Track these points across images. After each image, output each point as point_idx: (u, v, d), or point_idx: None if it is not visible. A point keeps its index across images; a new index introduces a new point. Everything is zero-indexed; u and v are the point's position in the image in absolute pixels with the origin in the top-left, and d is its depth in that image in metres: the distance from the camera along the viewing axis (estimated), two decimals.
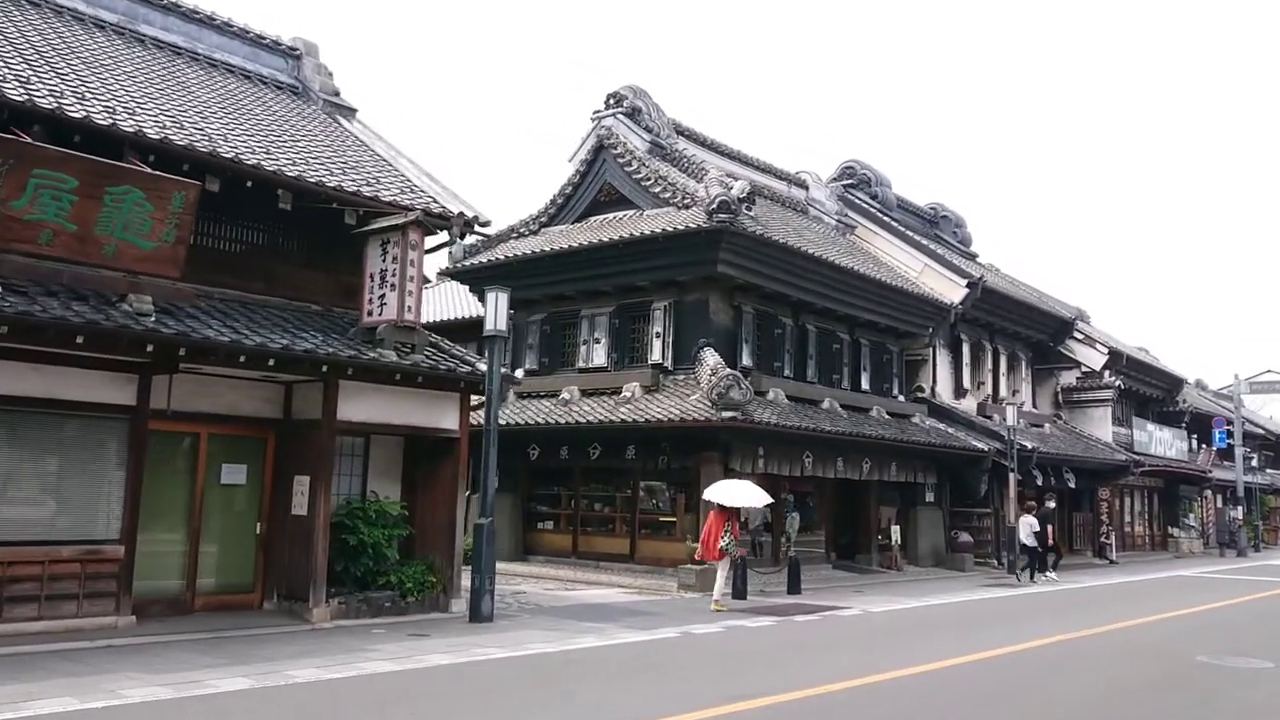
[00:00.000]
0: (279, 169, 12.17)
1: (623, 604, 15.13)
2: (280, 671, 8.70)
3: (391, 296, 12.64)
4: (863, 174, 30.28)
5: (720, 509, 15.45)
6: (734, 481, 16.34)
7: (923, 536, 24.73)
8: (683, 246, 19.59)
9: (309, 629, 11.39)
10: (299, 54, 16.79)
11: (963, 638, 12.42)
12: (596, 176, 22.65)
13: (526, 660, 9.91)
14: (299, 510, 12.19)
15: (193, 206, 10.73)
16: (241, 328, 11.37)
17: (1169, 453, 35.88)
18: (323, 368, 11.72)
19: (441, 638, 11.02)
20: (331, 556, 12.51)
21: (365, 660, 9.38)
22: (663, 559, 18.88)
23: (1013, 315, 30.07)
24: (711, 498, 15.63)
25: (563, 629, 12.10)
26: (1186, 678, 10.11)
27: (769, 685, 8.63)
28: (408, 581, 12.92)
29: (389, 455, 13.84)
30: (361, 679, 8.61)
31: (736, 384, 17.50)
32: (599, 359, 21.38)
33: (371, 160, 14.80)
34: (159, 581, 11.57)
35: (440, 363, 13.05)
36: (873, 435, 20.99)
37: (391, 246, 12.81)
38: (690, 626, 12.63)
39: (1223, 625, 15.13)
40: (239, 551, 12.47)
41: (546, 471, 21.65)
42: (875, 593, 18.17)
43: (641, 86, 22.77)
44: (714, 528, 15.33)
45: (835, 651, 11.19)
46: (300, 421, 12.58)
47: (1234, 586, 22.48)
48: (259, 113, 14.27)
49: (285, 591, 12.32)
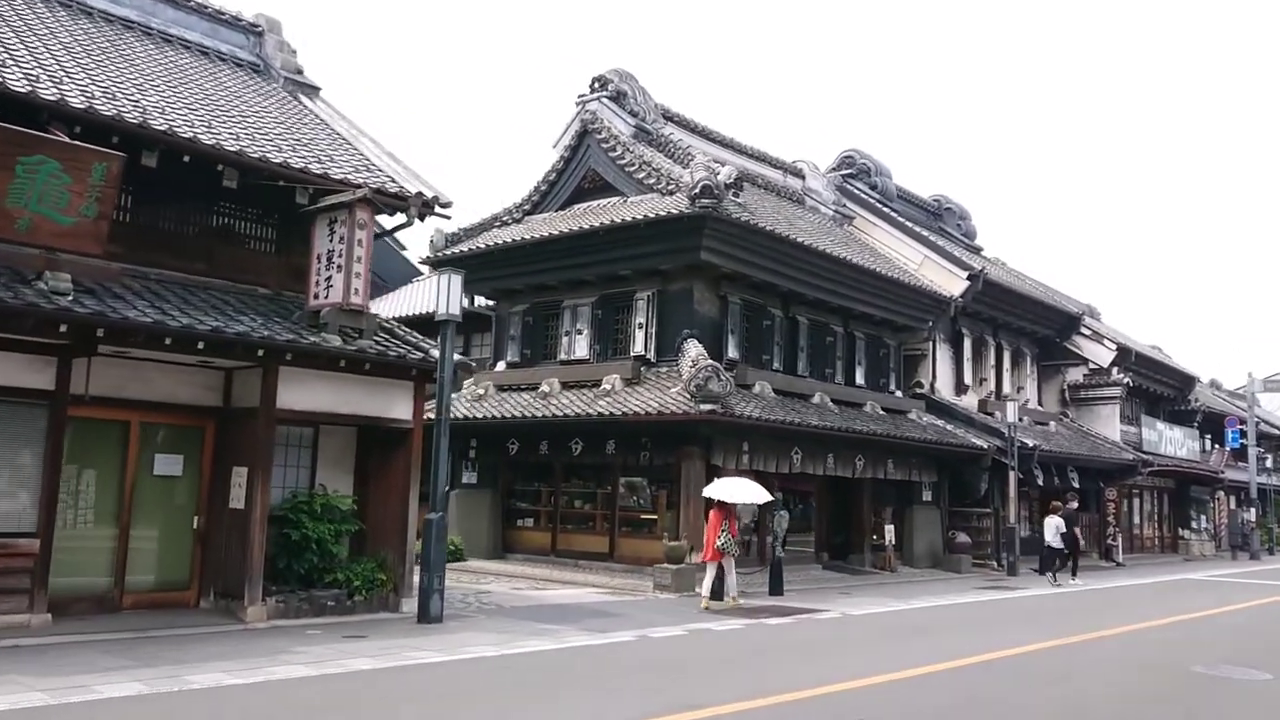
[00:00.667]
0: (218, 143, 11.53)
1: (591, 604, 14.42)
2: (180, 676, 8.02)
3: (338, 278, 11.98)
4: (862, 164, 29.46)
5: (720, 506, 15.17)
6: (733, 479, 16.06)
7: (919, 537, 23.91)
8: (665, 234, 18.87)
9: (241, 629, 10.73)
10: (261, 30, 16.16)
11: (939, 644, 11.64)
12: (580, 163, 21.95)
13: (457, 665, 9.21)
14: (236, 503, 11.52)
15: (115, 179, 10.10)
16: (172, 309, 10.72)
17: (1180, 452, 34.88)
18: (259, 352, 11.05)
19: (378, 640, 10.33)
20: (274, 553, 11.91)
21: (280, 665, 8.70)
22: (642, 558, 18.15)
23: (1016, 310, 29.20)
24: (711, 495, 15.35)
25: (514, 631, 11.40)
26: (1173, 691, 9.32)
27: (698, 698, 7.90)
28: (356, 580, 12.24)
29: (340, 446, 13.16)
30: (263, 685, 7.92)
31: (715, 375, 16.77)
32: (581, 351, 20.68)
33: (328, 138, 14.16)
34: (83, 578, 10.93)
35: (390, 349, 12.36)
36: (864, 431, 20.20)
37: (339, 226, 12.15)
38: (651, 630, 11.90)
39: (1225, 632, 14.30)
40: (174, 547, 11.81)
41: (526, 467, 20.97)
42: (862, 595, 17.40)
43: (628, 70, 22.06)
44: (714, 526, 15.09)
45: (792, 659, 10.41)
46: (240, 410, 11.92)
47: (1243, 591, 21.58)
48: (209, 88, 13.64)
49: (222, 589, 11.65)
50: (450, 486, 21.66)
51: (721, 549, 14.93)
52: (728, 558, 15.05)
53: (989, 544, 24.93)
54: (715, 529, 15.04)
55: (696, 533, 17.57)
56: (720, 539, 14.92)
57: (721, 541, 14.92)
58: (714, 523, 15.14)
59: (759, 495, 15.66)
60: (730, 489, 15.31)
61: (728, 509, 15.28)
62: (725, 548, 14.95)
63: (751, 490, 15.51)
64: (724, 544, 14.93)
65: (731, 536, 15.15)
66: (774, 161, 26.43)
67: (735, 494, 15.28)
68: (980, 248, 33.74)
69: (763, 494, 15.78)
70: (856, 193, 28.45)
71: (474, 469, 21.24)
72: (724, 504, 15.17)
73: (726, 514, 15.21)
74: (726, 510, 15.23)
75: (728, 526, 15.07)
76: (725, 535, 14.96)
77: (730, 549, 15.09)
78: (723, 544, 14.92)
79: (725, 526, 15.04)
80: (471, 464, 21.25)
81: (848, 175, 29.13)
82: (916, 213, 30.98)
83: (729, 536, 15.04)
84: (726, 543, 14.97)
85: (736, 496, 15.30)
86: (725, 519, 15.12)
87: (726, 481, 15.72)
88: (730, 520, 15.28)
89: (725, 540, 14.95)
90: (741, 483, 15.75)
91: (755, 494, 15.55)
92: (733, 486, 15.43)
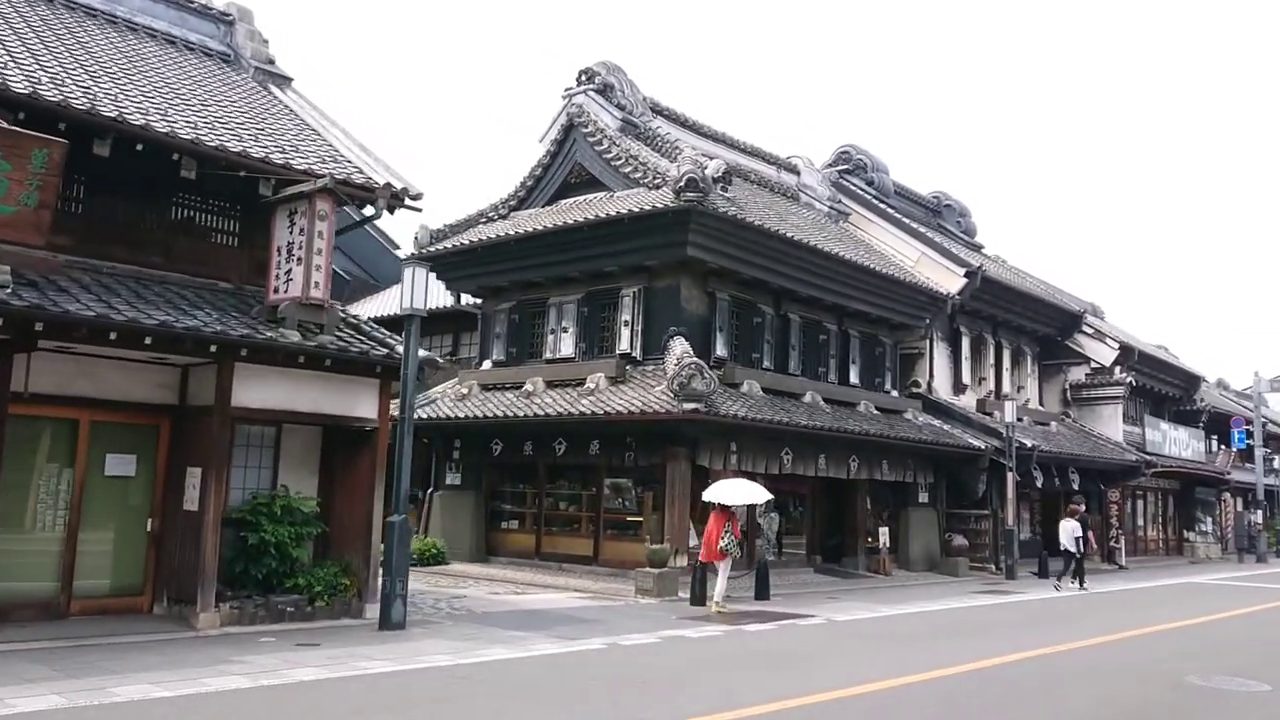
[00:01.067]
0: (172, 131, 11.08)
1: (567, 610, 13.94)
2: (106, 689, 7.58)
3: (298, 271, 11.52)
4: (859, 159, 28.98)
5: (721, 509, 15.14)
6: (733, 480, 16.03)
7: (915, 539, 23.40)
8: (651, 229, 18.40)
9: (191, 637, 10.28)
10: (231, 20, 15.74)
11: (921, 652, 11.13)
12: (567, 157, 21.49)
13: (405, 676, 8.74)
14: (190, 505, 11.06)
15: (57, 167, 9.62)
16: (121, 303, 10.28)
17: (1185, 453, 34.27)
18: (211, 348, 10.60)
19: (331, 648, 9.87)
20: (231, 557, 11.47)
21: (217, 676, 8.24)
22: (627, 561, 17.68)
23: (1016, 308, 28.65)
24: (711, 498, 15.31)
25: (478, 639, 10.94)
26: (1164, 703, 8.81)
27: (652, 712, 7.48)
28: (317, 584, 11.78)
29: (304, 446, 12.70)
30: (189, 698, 7.46)
31: (699, 373, 16.29)
32: (566, 349, 20.23)
33: (295, 128, 13.73)
34: (24, 583, 10.47)
35: (352, 344, 11.90)
36: (855, 430, 19.68)
37: (299, 217, 11.70)
38: (623, 637, 11.41)
39: (1226, 639, 13.76)
40: (127, 550, 11.35)
41: (510, 468, 20.53)
42: (852, 599, 16.90)
43: (615, 63, 21.60)
44: (715, 528, 15.05)
45: (764, 669, 9.87)
46: (196, 408, 11.46)
47: (1248, 594, 21.04)
48: (170, 76, 13.21)
49: (176, 595, 11.19)
50: (434, 488, 21.30)
51: (724, 550, 14.89)
52: (729, 559, 15.01)
53: (987, 546, 24.38)
54: (717, 531, 14.92)
55: (681, 535, 17.15)
56: (723, 540, 14.86)
57: (724, 543, 14.87)
58: (715, 525, 15.02)
59: (759, 496, 15.68)
60: (730, 491, 15.23)
61: (728, 511, 15.17)
62: (728, 549, 14.92)
63: (752, 491, 15.47)
64: (727, 545, 14.88)
65: (735, 538, 15.17)
66: (768, 157, 25.94)
67: (735, 496, 15.21)
68: (981, 245, 33.21)
69: (763, 494, 15.80)
70: (852, 189, 27.96)
71: (458, 470, 20.80)
72: (725, 506, 15.14)
73: (728, 516, 15.13)
74: (728, 513, 15.14)
75: (730, 528, 15.04)
76: (729, 537, 14.93)
77: (733, 551, 15.09)
78: (725, 545, 14.87)
79: (728, 528, 14.95)
80: (455, 465, 20.82)
81: (844, 171, 28.64)
82: (915, 209, 30.48)
83: (732, 538, 15.04)
84: (729, 544, 14.93)
85: (737, 498, 15.24)
86: (728, 521, 15.04)
87: (726, 483, 15.61)
88: (733, 522, 15.21)
89: (729, 542, 14.91)
90: (741, 484, 15.68)
91: (755, 495, 15.55)
92: (733, 488, 15.35)
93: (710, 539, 15.04)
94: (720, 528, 14.93)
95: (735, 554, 15.28)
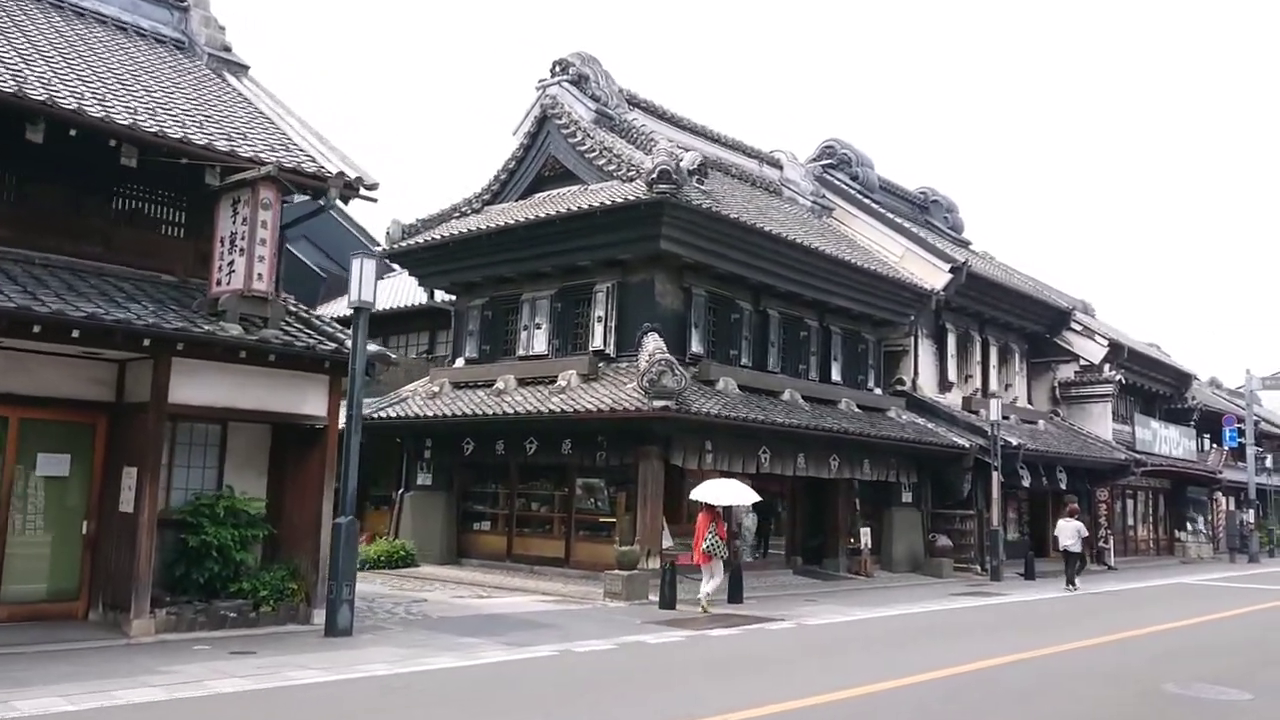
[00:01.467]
0: (108, 116, 10.59)
1: (528, 614, 13.46)
2: (8, 702, 7.09)
3: (240, 262, 11.03)
4: (843, 154, 28.54)
5: (708, 509, 14.97)
6: (721, 480, 15.82)
7: (899, 539, 22.94)
8: (624, 222, 17.96)
9: (123, 644, 9.80)
10: (186, 6, 15.23)
11: (892, 658, 10.68)
12: (541, 150, 21.05)
13: (335, 687, 8.26)
14: (126, 507, 10.58)
15: None
16: (50, 294, 9.81)
17: (1175, 452, 33.86)
18: (145, 341, 10.13)
19: (266, 656, 9.39)
20: (172, 560, 11.01)
21: (133, 687, 7.76)
22: (599, 563, 17.20)
23: (1003, 304, 28.20)
24: (699, 497, 15.07)
25: (427, 646, 10.46)
26: (1137, 714, 8.35)
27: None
28: (263, 589, 11.29)
29: (251, 445, 12.21)
30: (95, 712, 6.99)
31: (670, 370, 15.83)
32: (539, 346, 19.78)
33: (246, 116, 13.22)
34: None
35: (298, 338, 11.43)
36: (834, 429, 19.23)
37: (242, 206, 11.21)
38: (578, 643, 10.93)
39: (1210, 643, 13.28)
40: (61, 554, 10.88)
41: (482, 468, 20.06)
42: (829, 602, 16.44)
43: (591, 54, 21.15)
44: (702, 529, 14.90)
45: (720, 678, 9.36)
46: (133, 405, 10.98)
47: (1238, 596, 20.60)
48: (115, 62, 12.73)
49: (111, 600, 10.71)
50: (405, 489, 20.82)
51: (708, 551, 14.73)
52: (715, 560, 14.83)
53: (972, 547, 23.92)
54: (703, 532, 14.79)
55: (654, 536, 16.70)
56: (706, 541, 14.70)
57: (707, 544, 14.70)
58: (702, 526, 14.89)
59: (748, 497, 15.54)
60: (717, 491, 15.04)
61: (715, 512, 15.05)
62: (712, 550, 14.75)
63: (739, 491, 15.33)
64: (710, 546, 14.72)
65: (720, 539, 14.99)
66: (749, 151, 25.49)
67: (723, 496, 15.05)
68: (968, 241, 32.78)
69: (750, 495, 15.62)
70: (837, 184, 27.52)
71: (429, 470, 20.32)
72: (711, 507, 14.95)
73: (714, 517, 15.00)
74: (714, 513, 15.01)
75: (715, 529, 14.86)
76: (713, 537, 14.75)
77: (718, 551, 14.90)
78: (709, 546, 14.71)
79: (713, 529, 14.81)
80: (426, 465, 20.34)
81: (828, 166, 28.20)
82: (901, 205, 30.04)
83: (716, 539, 14.84)
84: (713, 545, 14.75)
85: (724, 499, 15.10)
86: (713, 521, 14.90)
87: (714, 483, 15.41)
88: (719, 523, 15.08)
89: (712, 542, 14.73)
90: (729, 484, 15.51)
91: (744, 496, 15.42)
92: (719, 488, 15.17)
93: (698, 540, 14.87)
94: (706, 529, 14.77)
95: (721, 555, 15.01)
